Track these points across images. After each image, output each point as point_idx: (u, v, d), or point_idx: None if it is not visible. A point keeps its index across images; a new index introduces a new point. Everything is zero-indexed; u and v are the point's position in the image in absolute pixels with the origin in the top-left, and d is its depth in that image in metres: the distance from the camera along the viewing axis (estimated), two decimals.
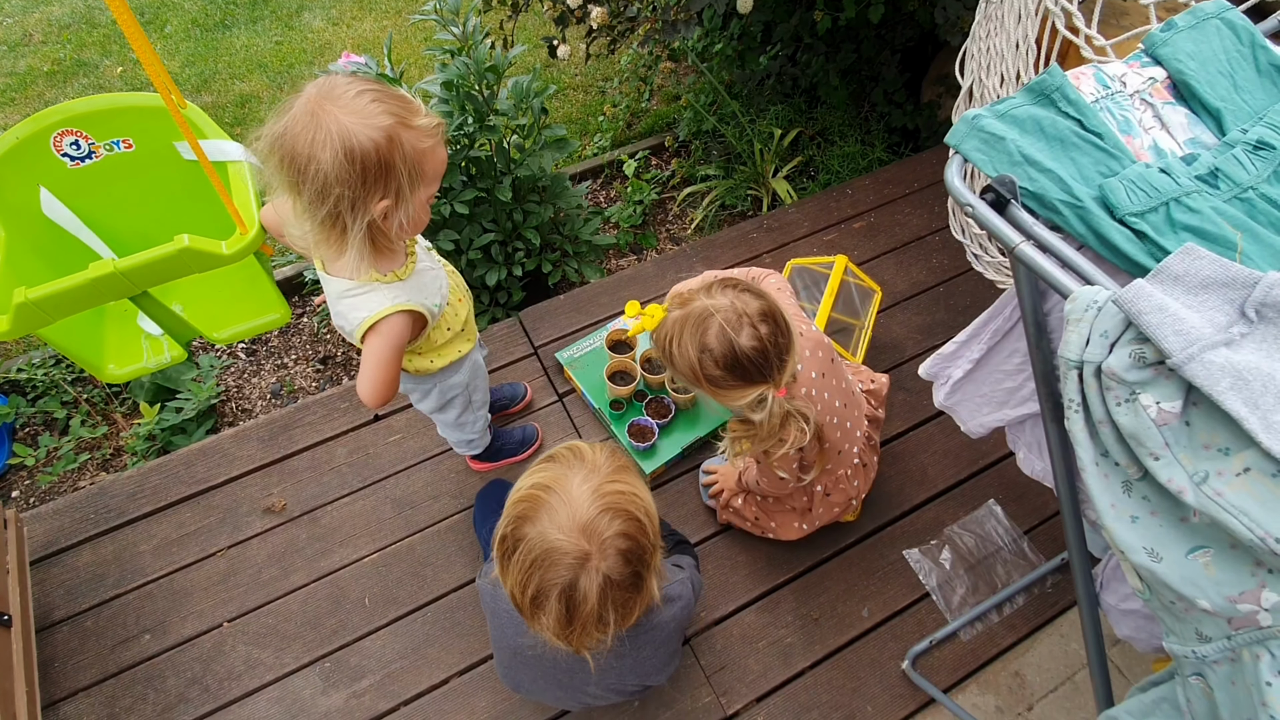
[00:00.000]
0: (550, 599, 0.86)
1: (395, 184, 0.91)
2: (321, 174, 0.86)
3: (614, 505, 0.88)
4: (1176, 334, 0.52)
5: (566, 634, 0.88)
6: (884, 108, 2.72)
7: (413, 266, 1.07)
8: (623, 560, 0.87)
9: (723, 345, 1.09)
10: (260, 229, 1.14)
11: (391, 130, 0.88)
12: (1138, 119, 0.70)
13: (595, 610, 0.86)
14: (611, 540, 0.86)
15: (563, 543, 0.85)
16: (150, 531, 1.66)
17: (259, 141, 0.90)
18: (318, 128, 0.86)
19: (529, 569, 0.86)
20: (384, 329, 1.03)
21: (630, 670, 1.16)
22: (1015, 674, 1.51)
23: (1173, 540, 0.57)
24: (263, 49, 3.70)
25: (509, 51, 2.04)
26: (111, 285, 1.05)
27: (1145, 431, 0.55)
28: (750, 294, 1.14)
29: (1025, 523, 1.69)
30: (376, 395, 1.06)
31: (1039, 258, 0.62)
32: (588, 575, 0.85)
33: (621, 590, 0.88)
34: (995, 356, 0.83)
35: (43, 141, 1.23)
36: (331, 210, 0.90)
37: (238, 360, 2.41)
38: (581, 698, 1.24)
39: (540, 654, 1.10)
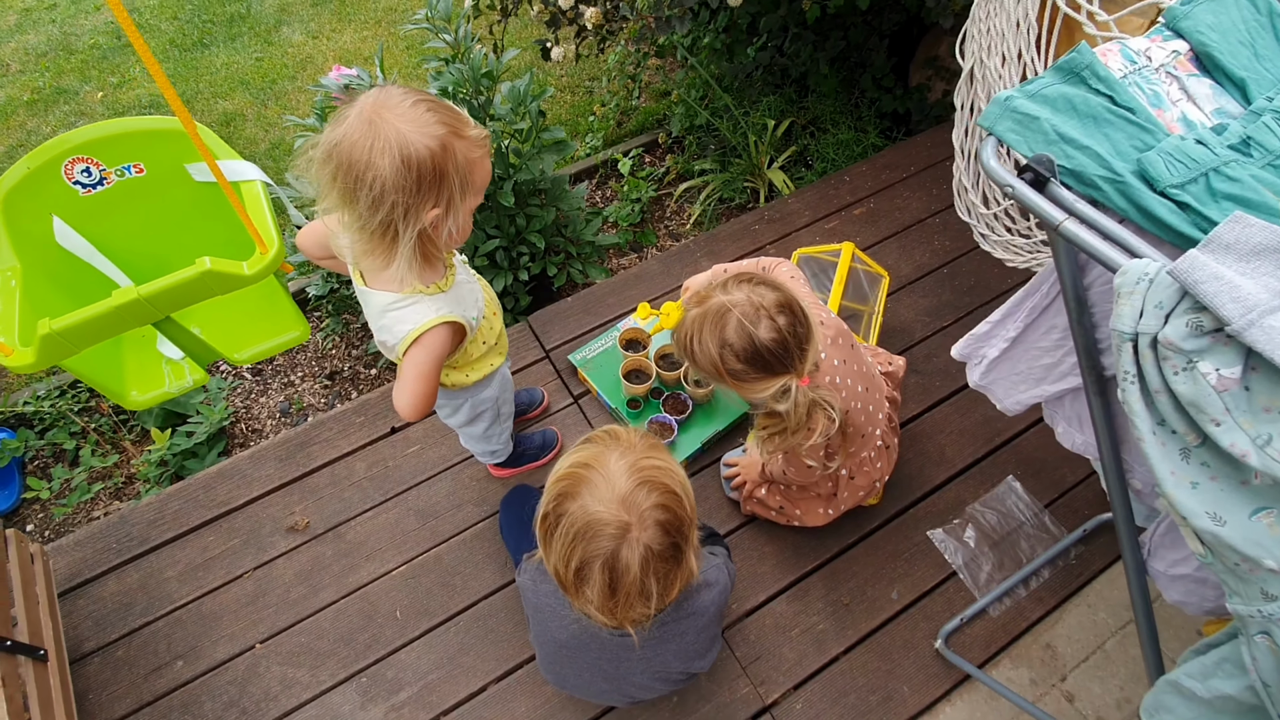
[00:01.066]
0: (594, 570, 0.88)
1: (448, 192, 0.92)
2: (380, 181, 0.87)
3: (651, 479, 0.90)
4: (1234, 301, 0.53)
5: (610, 606, 0.91)
6: (874, 93, 2.74)
7: (453, 278, 1.08)
8: (662, 531, 0.89)
9: (742, 339, 1.10)
10: (281, 248, 1.13)
11: (445, 139, 0.90)
12: (1165, 92, 0.71)
13: (638, 579, 0.88)
14: (650, 511, 0.89)
15: (603, 514, 0.87)
16: (175, 557, 1.65)
17: (314, 150, 0.91)
18: (376, 135, 0.87)
19: (572, 542, 0.89)
20: (427, 340, 1.03)
21: (674, 655, 1.17)
22: (1046, 646, 1.53)
23: (1235, 503, 0.58)
24: (244, 66, 3.67)
25: (502, 56, 2.04)
26: (136, 312, 1.04)
27: (1205, 399, 0.56)
28: (766, 286, 1.15)
29: (1045, 497, 1.71)
30: (416, 407, 1.06)
31: (1084, 234, 0.63)
32: (629, 545, 0.87)
33: (662, 561, 0.90)
34: (1032, 334, 0.84)
35: (54, 170, 1.22)
36: (385, 218, 0.90)
37: (244, 381, 2.39)
38: (626, 688, 1.24)
39: (585, 642, 1.11)
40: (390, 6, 3.93)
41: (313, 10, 3.96)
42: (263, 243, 1.12)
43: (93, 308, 1.01)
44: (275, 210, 1.25)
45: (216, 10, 3.95)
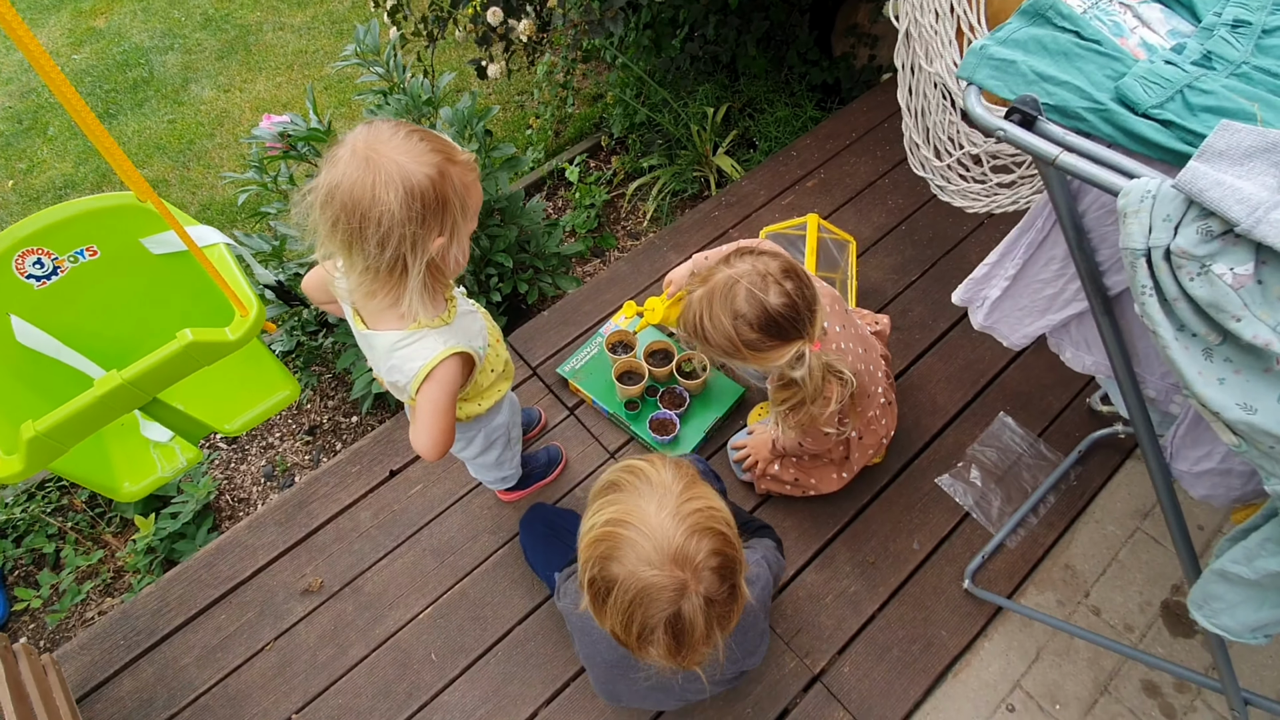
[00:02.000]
0: (657, 633, 0.86)
1: (451, 219, 0.91)
2: (388, 216, 0.85)
3: (698, 526, 0.86)
4: (1239, 202, 0.56)
5: (677, 659, 0.88)
6: (802, 68, 2.80)
7: (454, 310, 1.07)
8: (718, 579, 0.87)
9: (754, 307, 1.12)
10: (261, 308, 1.09)
11: (442, 166, 0.89)
12: (1122, 21, 0.75)
13: (703, 632, 0.86)
14: (705, 562, 0.85)
15: (658, 578, 0.84)
16: (189, 643, 1.58)
17: (311, 195, 0.88)
18: (376, 172, 0.85)
19: (628, 609, 0.85)
20: (439, 375, 1.01)
21: (727, 662, 1.17)
22: (1066, 567, 1.59)
23: (1262, 390, 0.62)
24: (157, 131, 3.53)
25: (439, 81, 2.02)
26: (121, 398, 0.99)
27: (1224, 298, 0.59)
28: (767, 255, 1.17)
29: (1036, 426, 1.78)
30: (437, 445, 1.04)
31: (1080, 163, 0.67)
32: (689, 602, 0.85)
33: (722, 606, 0.88)
34: (1032, 268, 0.88)
35: (4, 267, 1.15)
36: (394, 254, 0.89)
37: (220, 451, 2.30)
38: (683, 695, 1.25)
39: (634, 662, 1.08)
40: (299, 50, 3.83)
41: (218, 64, 3.84)
42: (242, 305, 1.08)
43: (76, 401, 0.95)
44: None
45: (117, 78, 3.79)
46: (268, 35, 3.92)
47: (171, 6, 4.19)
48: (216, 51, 3.88)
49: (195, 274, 1.26)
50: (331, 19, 3.96)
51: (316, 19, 3.97)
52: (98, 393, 0.96)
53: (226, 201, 3.13)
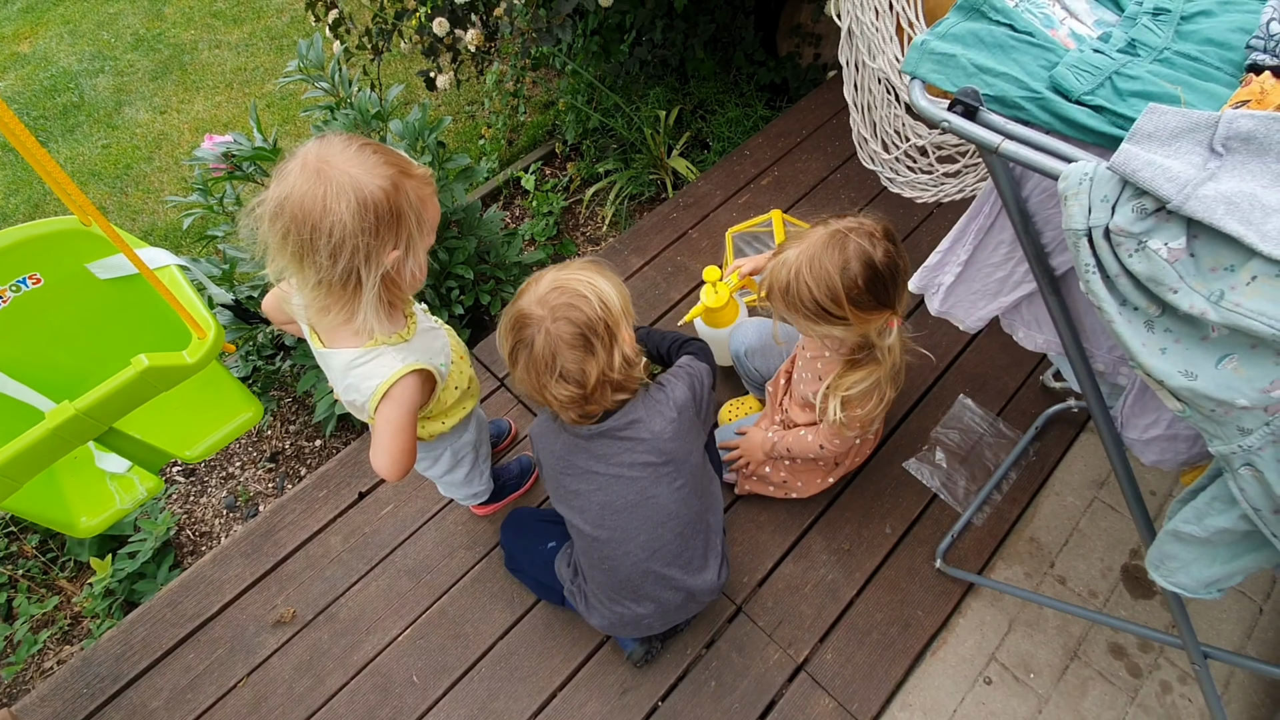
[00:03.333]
0: (519, 352, 1.08)
1: (406, 232, 0.91)
2: (340, 227, 0.85)
3: (567, 286, 1.07)
4: (1169, 180, 0.59)
5: (530, 381, 1.09)
6: (749, 69, 2.84)
7: (414, 327, 1.05)
8: (569, 323, 1.05)
9: (862, 260, 1.14)
10: (219, 330, 1.06)
11: (396, 179, 0.88)
12: (1051, 13, 0.79)
13: (544, 359, 1.05)
14: (560, 308, 1.05)
15: (525, 310, 1.07)
16: (155, 686, 1.52)
17: (260, 208, 0.87)
18: (328, 183, 0.85)
19: (507, 333, 1.10)
20: (397, 394, 1.00)
21: (656, 448, 1.18)
22: (1030, 540, 1.65)
23: (1201, 357, 0.65)
24: (90, 157, 3.40)
25: (388, 94, 1.99)
26: (75, 430, 0.95)
27: (1161, 271, 0.62)
28: (865, 216, 1.21)
29: (994, 406, 1.84)
30: (397, 465, 1.03)
31: (1022, 150, 0.69)
32: (540, 333, 1.05)
33: (570, 347, 1.05)
34: (982, 253, 0.91)
35: None
36: (347, 266, 0.88)
37: (178, 484, 2.22)
38: (635, 504, 1.22)
39: (573, 447, 1.20)
40: (237, 68, 3.74)
41: (153, 85, 3.71)
42: (199, 327, 1.05)
43: (27, 436, 0.91)
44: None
45: (45, 104, 3.64)
46: (204, 54, 3.81)
47: (100, 28, 4.04)
48: (150, 72, 3.76)
49: (147, 298, 1.22)
50: (270, 35, 3.87)
51: (254, 35, 3.88)
52: (50, 425, 0.92)
53: (170, 226, 3.03)
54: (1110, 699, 1.46)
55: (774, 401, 1.64)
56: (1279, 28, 0.65)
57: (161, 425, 1.21)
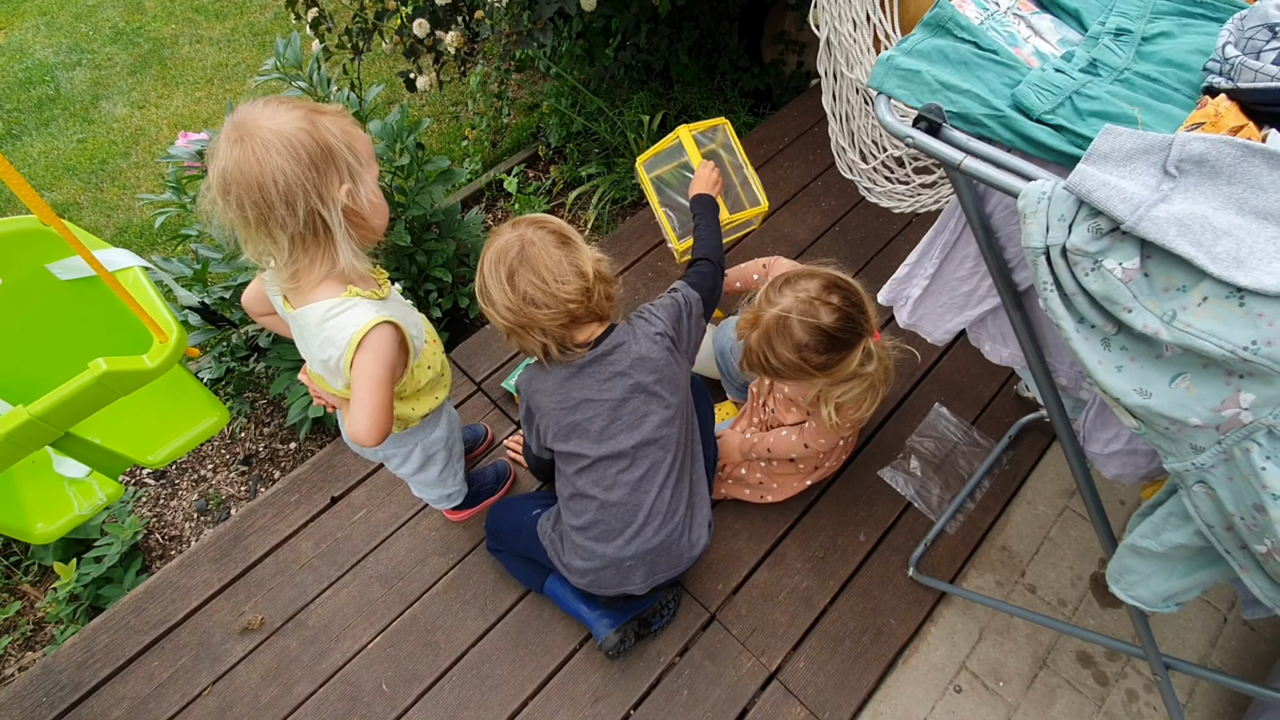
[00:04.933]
0: (517, 275, 1.12)
1: (344, 164, 0.94)
2: (282, 176, 0.88)
3: (521, 218, 1.18)
4: (1123, 201, 0.60)
5: (541, 291, 1.12)
6: (733, 75, 2.85)
7: (389, 291, 1.08)
8: (545, 230, 1.15)
9: (811, 333, 1.21)
10: (182, 333, 1.04)
11: (309, 118, 0.92)
12: (1016, 31, 0.79)
13: (544, 259, 1.12)
14: (531, 224, 1.16)
15: (502, 242, 1.15)
16: (117, 694, 1.49)
17: (209, 191, 0.91)
18: (254, 143, 0.88)
19: (494, 271, 1.14)
20: (372, 343, 0.99)
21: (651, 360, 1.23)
22: (1002, 548, 1.66)
23: (1155, 376, 0.66)
24: (65, 151, 3.33)
25: (367, 94, 1.97)
26: (31, 435, 0.92)
27: (1115, 290, 0.63)
28: (804, 278, 1.26)
29: (969, 415, 1.85)
30: (376, 424, 1.01)
31: (983, 167, 0.70)
32: (527, 243, 1.13)
33: (557, 243, 1.14)
34: (948, 267, 0.91)
35: None
36: (306, 214, 0.91)
37: (148, 487, 2.19)
38: (630, 418, 1.24)
39: (572, 376, 1.23)
40: (219, 63, 3.69)
41: (131, 80, 3.66)
42: (160, 331, 1.03)
43: None
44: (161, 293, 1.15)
45: (20, 97, 3.57)
46: (184, 49, 3.76)
47: (78, 20, 3.97)
48: (129, 66, 3.70)
49: (110, 300, 1.19)
50: (253, 31, 3.82)
51: (236, 31, 3.83)
52: (3, 430, 0.90)
53: (145, 223, 2.98)
54: (1078, 707, 1.47)
55: (756, 401, 1.65)
56: (1234, 51, 0.66)
57: (123, 430, 1.18)
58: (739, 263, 1.75)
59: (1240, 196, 0.57)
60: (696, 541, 1.34)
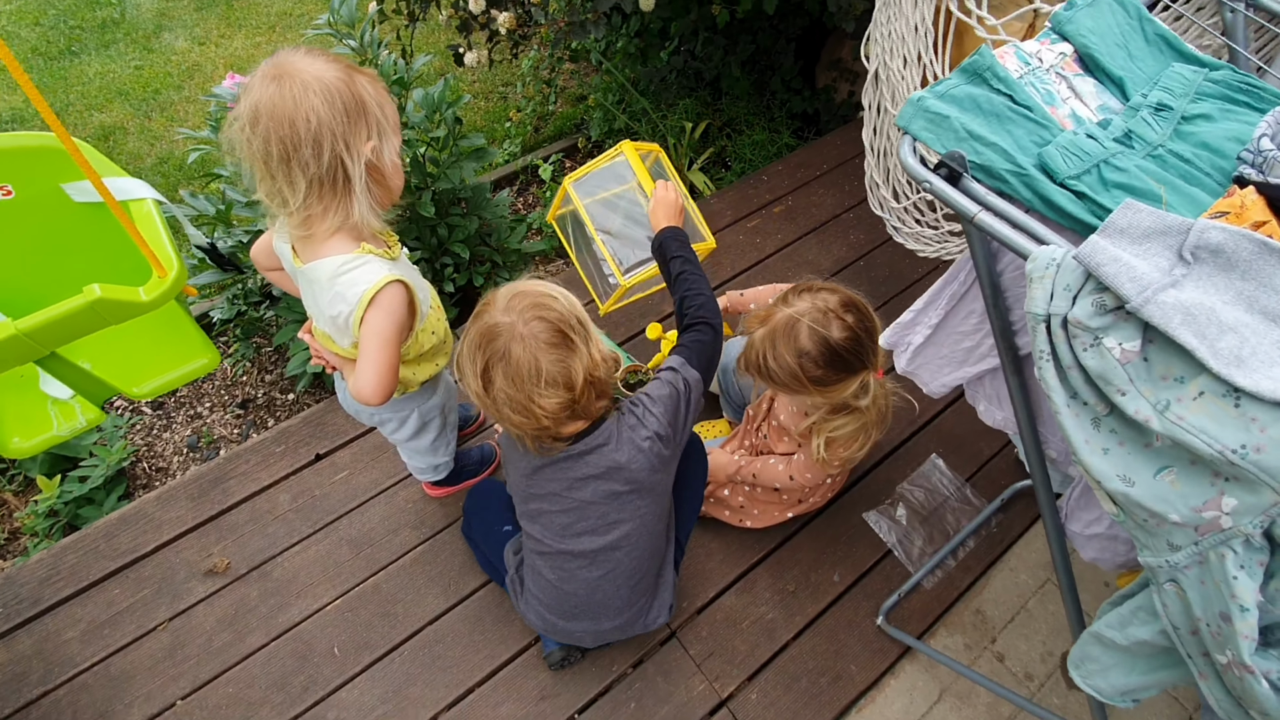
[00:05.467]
0: (494, 368, 0.99)
1: (374, 121, 0.95)
2: (314, 116, 0.89)
3: (526, 291, 1.03)
4: (1131, 280, 0.58)
5: (515, 399, 0.99)
6: (784, 95, 2.83)
7: (399, 252, 1.08)
8: (542, 322, 0.99)
9: (817, 344, 1.16)
10: (182, 270, 1.05)
11: (347, 72, 0.93)
12: (1056, 90, 0.77)
13: (528, 366, 0.98)
14: (528, 309, 0.99)
15: (490, 323, 0.99)
16: (74, 616, 1.50)
17: (237, 122, 0.91)
18: (291, 83, 0.89)
19: (473, 354, 1.00)
20: (384, 301, 1.00)
21: (631, 453, 1.11)
22: (976, 611, 1.62)
23: (1141, 465, 0.63)
24: (121, 76, 3.40)
25: (413, 63, 1.98)
26: (15, 350, 0.93)
27: (1111, 371, 0.61)
28: (825, 291, 1.22)
29: (965, 471, 1.81)
30: (382, 382, 1.01)
31: (997, 224, 0.68)
32: (515, 339, 0.98)
33: (551, 347, 0.99)
34: (953, 319, 0.89)
35: None
36: (331, 160, 0.91)
37: (144, 416, 2.21)
38: (593, 520, 1.18)
39: (541, 467, 1.14)
40: (284, 11, 3.74)
41: (197, 15, 3.72)
42: (160, 265, 1.03)
43: None
44: (171, 229, 1.16)
45: (85, 15, 3.64)
46: None
47: None
48: (197, 1, 3.77)
49: (119, 228, 1.21)
50: None
51: None
52: None
53: (185, 157, 3.03)
54: None
55: (750, 424, 1.63)
56: (1269, 145, 0.63)
57: (113, 358, 1.19)
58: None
59: (1252, 294, 0.54)
60: (654, 621, 1.35)
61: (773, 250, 2.23)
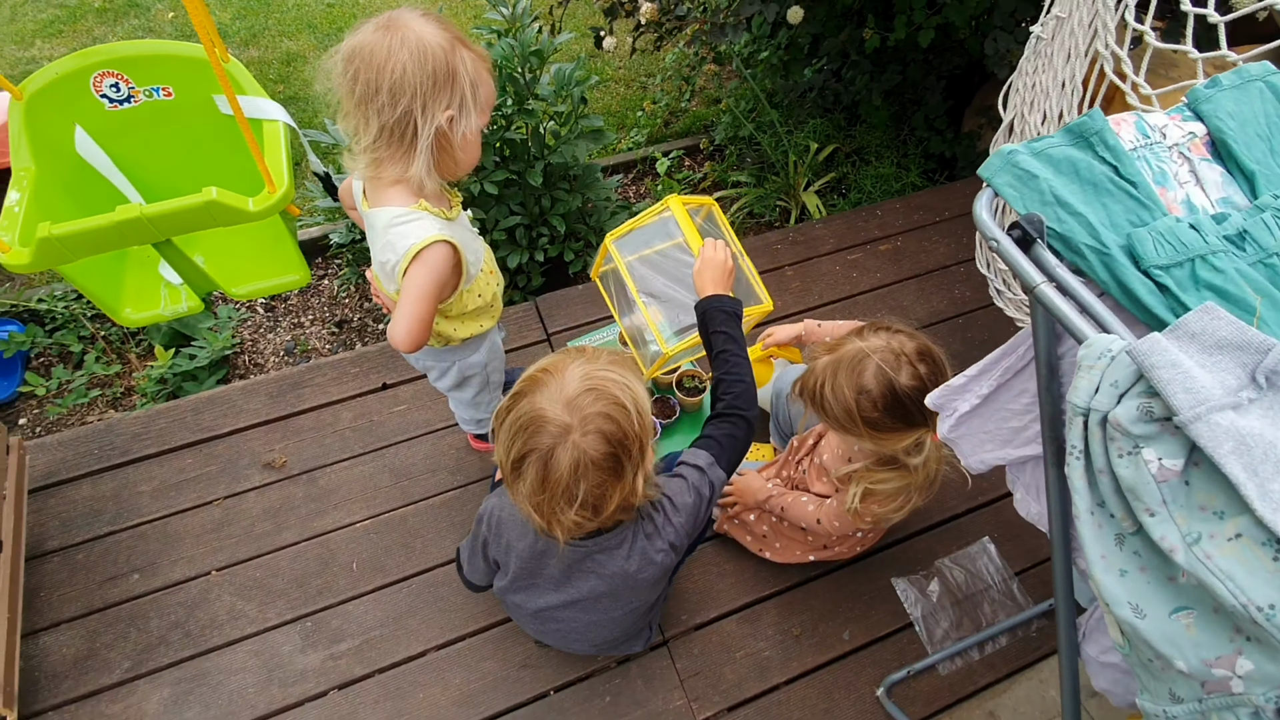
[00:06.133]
0: (529, 463, 0.91)
1: (460, 93, 0.98)
2: (397, 73, 0.93)
3: (601, 388, 0.92)
4: (1186, 391, 0.51)
5: (538, 502, 0.93)
6: (924, 133, 2.70)
7: (458, 214, 1.13)
8: (602, 439, 0.90)
9: (881, 385, 1.10)
10: (289, 189, 1.15)
11: (454, 43, 0.97)
12: (1173, 172, 0.69)
13: (566, 481, 0.90)
14: (593, 418, 0.90)
15: (548, 412, 0.90)
16: (151, 473, 1.69)
17: (335, 56, 0.98)
18: (393, 34, 0.94)
19: (515, 434, 0.92)
20: (428, 257, 1.04)
21: (624, 563, 1.08)
22: (989, 714, 1.50)
23: (1159, 598, 0.56)
24: (314, 9, 3.72)
25: (556, 37, 2.05)
26: (136, 230, 1.06)
27: (1144, 486, 0.54)
28: (904, 335, 1.15)
29: (1017, 564, 1.67)
30: (412, 333, 1.06)
31: (1058, 300, 0.62)
32: (565, 446, 0.90)
33: (597, 470, 0.91)
34: (1004, 394, 0.82)
35: (83, 80, 1.26)
36: (404, 113, 0.96)
37: (256, 315, 2.44)
38: (578, 609, 1.19)
39: (540, 550, 1.11)
40: None
41: None
42: (271, 181, 1.14)
43: (94, 219, 1.03)
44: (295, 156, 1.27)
45: None
46: None
47: None
48: None
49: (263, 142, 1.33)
50: None
51: None
52: (115, 218, 1.04)
53: None
54: None
55: (792, 455, 1.58)
56: None
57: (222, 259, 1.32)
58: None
59: None
60: (629, 649, 1.37)
61: (867, 288, 2.14)
